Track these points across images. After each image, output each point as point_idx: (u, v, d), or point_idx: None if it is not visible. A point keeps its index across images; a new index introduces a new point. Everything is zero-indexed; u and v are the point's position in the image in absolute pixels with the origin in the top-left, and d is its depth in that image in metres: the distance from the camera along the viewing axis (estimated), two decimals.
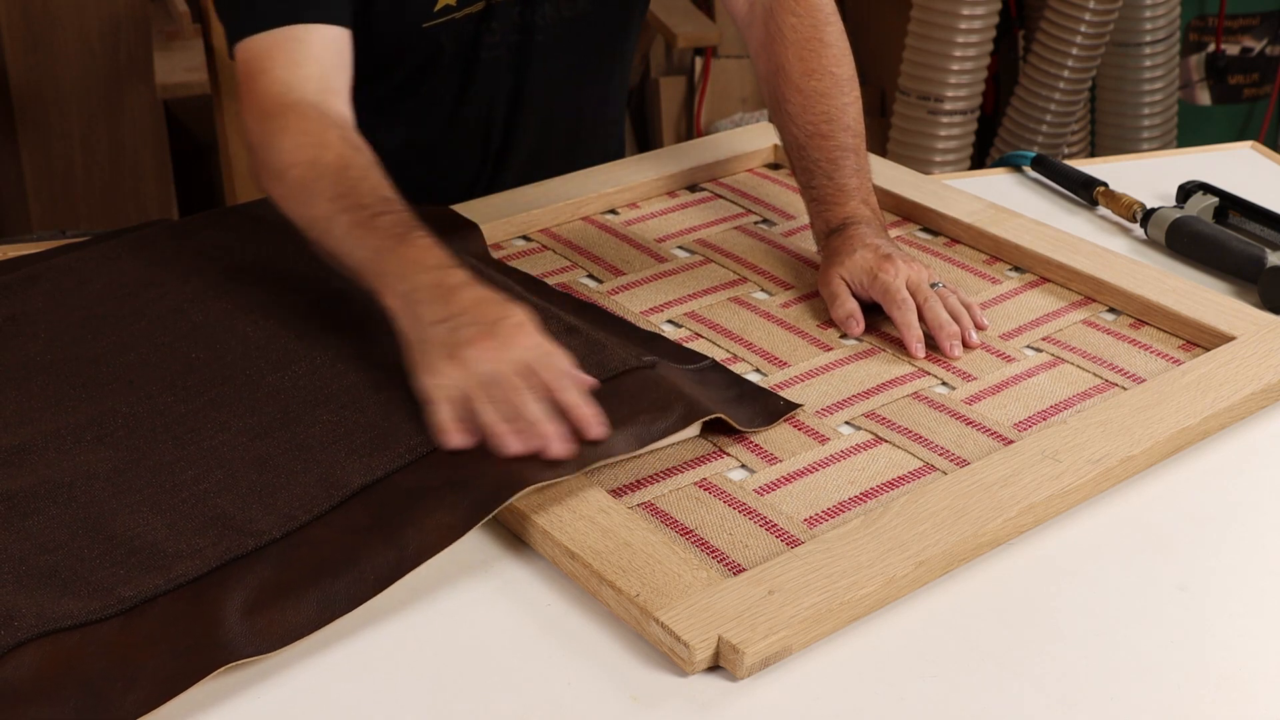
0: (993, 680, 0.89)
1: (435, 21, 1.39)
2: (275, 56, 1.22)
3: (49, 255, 1.31)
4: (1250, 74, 3.26)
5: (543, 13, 1.44)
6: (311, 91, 1.20)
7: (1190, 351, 1.22)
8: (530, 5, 1.43)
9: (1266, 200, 1.47)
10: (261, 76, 1.21)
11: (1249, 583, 0.98)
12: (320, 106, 1.19)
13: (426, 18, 1.39)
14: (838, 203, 1.32)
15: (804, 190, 1.36)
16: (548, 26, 1.45)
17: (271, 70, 1.21)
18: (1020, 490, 1.01)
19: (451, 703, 0.87)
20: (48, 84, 2.78)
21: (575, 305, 1.24)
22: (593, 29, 1.49)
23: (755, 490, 1.04)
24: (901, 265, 1.24)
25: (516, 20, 1.44)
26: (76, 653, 0.85)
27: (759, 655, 0.87)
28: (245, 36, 1.23)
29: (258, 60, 1.22)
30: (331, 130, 1.17)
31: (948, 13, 2.93)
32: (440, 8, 1.39)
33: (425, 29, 1.39)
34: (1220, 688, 0.88)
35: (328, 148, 1.15)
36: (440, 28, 1.40)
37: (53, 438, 1.05)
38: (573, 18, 1.46)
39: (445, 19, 1.40)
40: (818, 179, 1.34)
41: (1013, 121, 3.06)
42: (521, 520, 0.99)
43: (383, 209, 1.11)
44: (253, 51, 1.22)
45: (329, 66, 1.23)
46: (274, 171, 1.17)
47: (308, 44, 1.22)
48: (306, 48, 1.22)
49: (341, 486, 0.99)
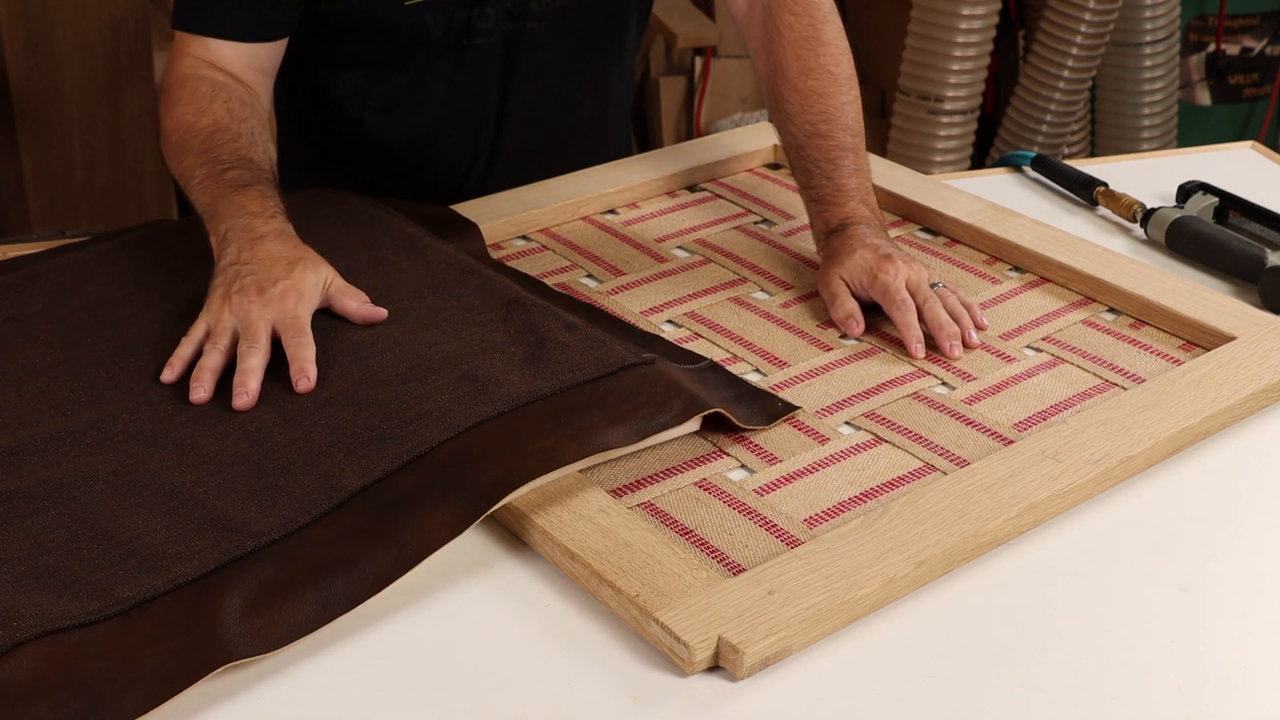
0: (993, 680, 0.89)
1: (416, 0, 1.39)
2: (189, 51, 1.35)
3: (49, 255, 1.31)
4: (1250, 74, 3.26)
5: (535, 1, 1.44)
6: (216, 75, 1.33)
7: (1190, 351, 1.22)
8: None
9: (1266, 200, 1.47)
10: (176, 60, 1.35)
11: (1249, 583, 0.98)
12: (216, 82, 1.32)
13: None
14: (837, 203, 1.32)
15: (803, 190, 1.36)
16: (540, 14, 1.45)
17: (182, 59, 1.35)
18: (1020, 490, 1.01)
19: (451, 703, 0.87)
20: (48, 84, 2.78)
21: (575, 305, 1.24)
22: (586, 20, 1.49)
23: (755, 490, 1.04)
24: (901, 265, 1.24)
25: (509, 8, 1.43)
26: (75, 653, 0.85)
27: (759, 655, 0.87)
28: (177, 28, 1.37)
29: (179, 45, 1.36)
30: (218, 101, 1.30)
31: (948, 13, 2.93)
32: None
33: (407, 7, 1.39)
34: (1220, 688, 0.88)
35: (206, 114, 1.29)
36: (423, 7, 1.40)
37: (52, 439, 1.05)
38: (566, 7, 1.45)
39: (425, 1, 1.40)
40: (816, 179, 1.34)
41: (1013, 121, 3.07)
42: (521, 520, 0.99)
43: (235, 165, 1.24)
44: (177, 39, 1.36)
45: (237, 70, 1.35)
46: (163, 136, 1.32)
47: (219, 50, 1.35)
48: (218, 52, 1.35)
49: (340, 488, 0.98)
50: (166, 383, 1.10)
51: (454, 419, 1.03)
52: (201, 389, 1.08)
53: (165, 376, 1.11)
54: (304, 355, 1.10)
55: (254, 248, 1.16)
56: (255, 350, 1.09)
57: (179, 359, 1.11)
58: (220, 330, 1.11)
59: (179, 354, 1.12)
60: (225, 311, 1.12)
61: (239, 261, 1.15)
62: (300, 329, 1.11)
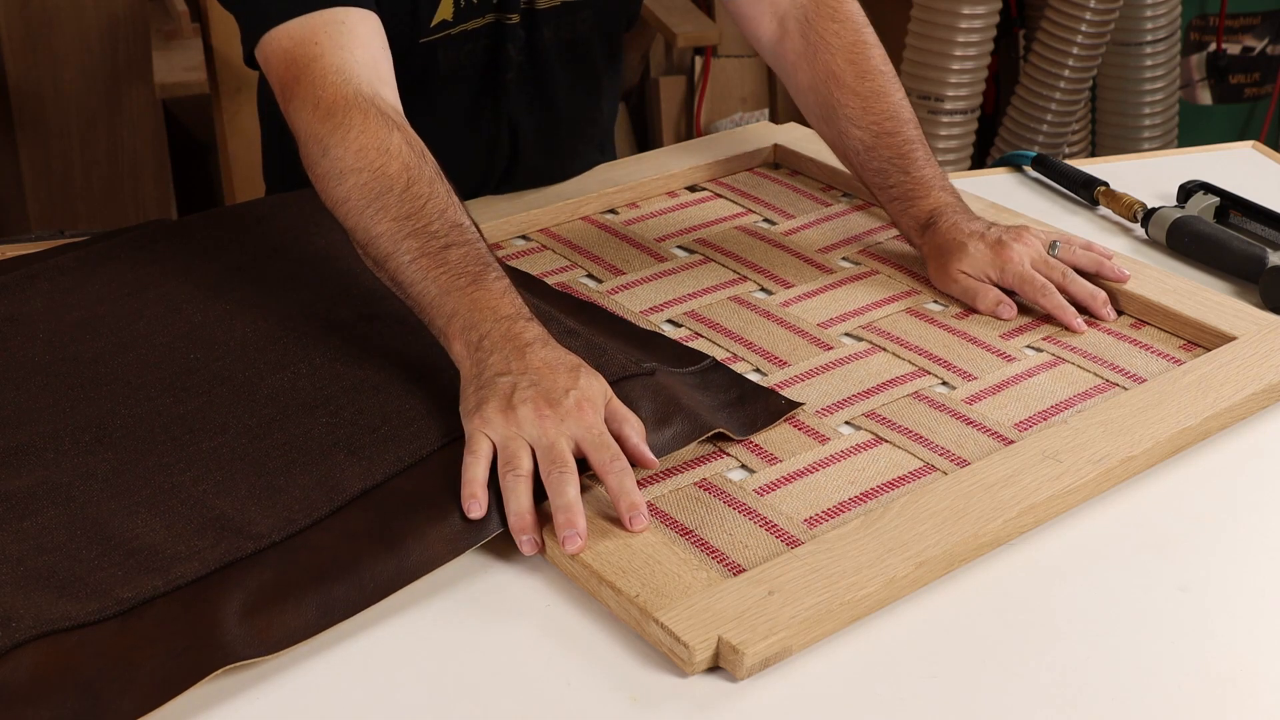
0: (993, 680, 0.88)
1: (431, 37, 1.37)
2: (322, 41, 1.15)
3: (48, 255, 1.31)
4: (1251, 73, 3.26)
5: (542, 36, 1.42)
6: (366, 81, 1.14)
7: (1191, 351, 1.22)
8: (532, 29, 1.41)
9: (1267, 200, 1.46)
10: (313, 64, 1.14)
11: (1249, 583, 0.98)
12: (377, 101, 1.13)
13: (423, 32, 1.37)
14: (921, 195, 1.33)
15: (881, 191, 1.36)
16: (549, 49, 1.43)
17: (322, 57, 1.15)
18: (1021, 490, 1.01)
19: (451, 703, 0.87)
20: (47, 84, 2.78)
21: (575, 305, 1.24)
22: (591, 49, 1.48)
23: (755, 490, 1.04)
24: (1020, 249, 1.26)
25: (522, 42, 1.41)
26: (74, 654, 0.85)
27: (759, 656, 0.87)
28: (279, 23, 1.16)
29: (302, 47, 1.15)
30: (395, 134, 1.11)
31: (948, 12, 2.93)
32: (436, 23, 1.37)
33: (422, 43, 1.37)
34: (1220, 688, 0.88)
35: (392, 155, 1.10)
36: (437, 44, 1.38)
37: (51, 438, 1.05)
38: (572, 39, 1.45)
39: (441, 35, 1.37)
40: (894, 176, 1.34)
41: (1013, 121, 3.06)
42: None
43: (453, 239, 1.07)
44: (294, 39, 1.16)
45: (377, 50, 1.18)
46: (333, 174, 1.11)
47: (352, 27, 1.16)
48: (352, 30, 1.16)
49: (341, 490, 0.98)
50: (474, 517, 0.95)
51: (455, 422, 1.03)
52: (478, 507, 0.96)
53: (472, 512, 0.95)
54: (629, 487, 0.96)
55: (523, 356, 1.01)
56: (568, 478, 0.96)
57: (478, 485, 0.96)
58: (514, 451, 0.97)
59: (474, 479, 0.96)
60: (512, 427, 0.98)
61: (510, 371, 1.00)
62: (614, 450, 0.97)
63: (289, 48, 1.16)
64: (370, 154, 1.10)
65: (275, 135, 1.58)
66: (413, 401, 1.07)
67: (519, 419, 0.98)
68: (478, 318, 1.03)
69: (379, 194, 1.09)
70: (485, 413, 0.99)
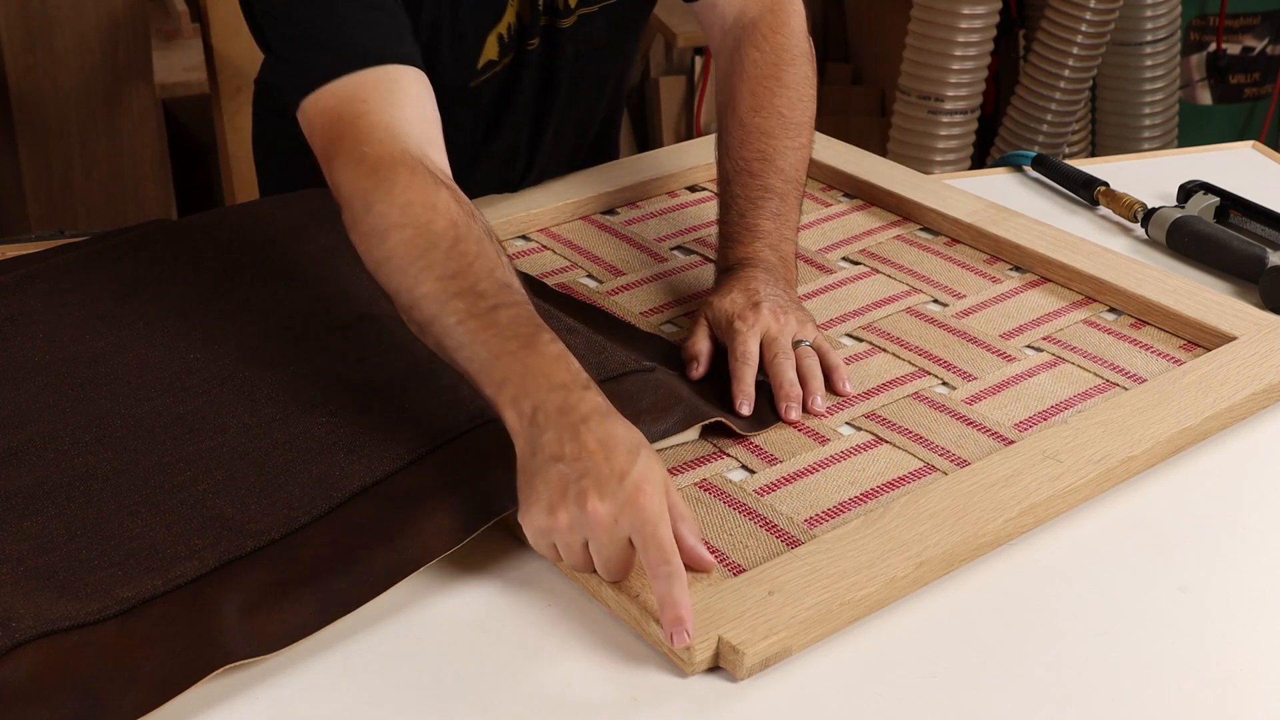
0: (993, 680, 0.88)
1: (481, 79, 1.36)
2: (371, 99, 1.09)
3: (48, 255, 1.31)
4: (1251, 73, 3.26)
5: (566, 52, 1.41)
6: (415, 140, 1.08)
7: (1191, 351, 1.22)
8: (553, 46, 1.40)
9: (1267, 200, 1.46)
10: (359, 120, 1.08)
11: (1249, 583, 0.98)
12: (425, 161, 1.07)
13: (473, 76, 1.35)
14: (741, 242, 1.24)
15: (720, 223, 1.29)
16: (569, 64, 1.42)
17: (370, 114, 1.09)
18: (1021, 490, 1.01)
19: (451, 703, 0.87)
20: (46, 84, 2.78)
21: (575, 306, 1.24)
22: (608, 58, 1.48)
23: (755, 491, 1.04)
24: (765, 317, 1.15)
25: (543, 60, 1.41)
26: (74, 654, 0.85)
27: (759, 656, 0.87)
28: (327, 81, 1.10)
29: (349, 104, 1.09)
30: (443, 191, 1.05)
31: (948, 12, 2.93)
32: (484, 64, 1.35)
33: (472, 87, 1.36)
34: (1220, 688, 0.88)
35: (439, 212, 1.03)
36: (483, 84, 1.37)
37: (51, 438, 1.05)
38: (590, 50, 1.44)
39: (488, 75, 1.36)
40: (731, 215, 1.27)
41: (1013, 121, 3.06)
42: None
43: (502, 299, 1.00)
44: (339, 97, 1.10)
45: (428, 111, 1.12)
46: (376, 232, 1.04)
47: (405, 86, 1.11)
48: (404, 90, 1.11)
49: (340, 488, 0.98)
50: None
51: (455, 420, 1.03)
52: None
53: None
54: (677, 596, 0.87)
55: (578, 436, 0.92)
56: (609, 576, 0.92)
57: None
58: (570, 546, 0.92)
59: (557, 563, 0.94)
60: (566, 526, 0.91)
61: (564, 458, 0.91)
62: (667, 551, 0.88)
63: (335, 105, 1.10)
64: (416, 209, 1.03)
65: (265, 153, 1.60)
66: (413, 401, 1.07)
67: (571, 517, 0.91)
68: (531, 386, 0.95)
69: (424, 250, 1.02)
70: (536, 508, 0.92)
